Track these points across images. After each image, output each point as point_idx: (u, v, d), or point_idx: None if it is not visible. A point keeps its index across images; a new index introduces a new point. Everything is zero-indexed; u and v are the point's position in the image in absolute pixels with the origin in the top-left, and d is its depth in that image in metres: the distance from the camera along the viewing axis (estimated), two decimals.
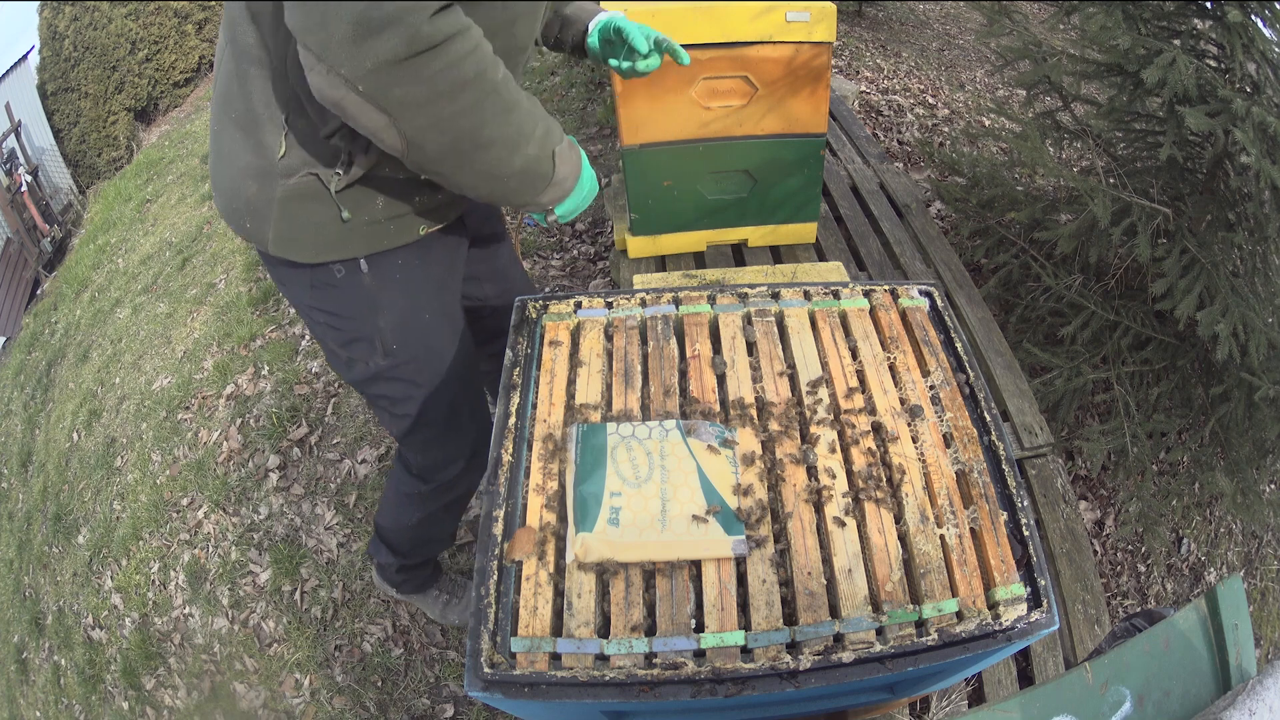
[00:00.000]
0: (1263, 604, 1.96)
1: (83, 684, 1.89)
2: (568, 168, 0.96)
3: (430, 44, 0.72)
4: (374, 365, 1.12)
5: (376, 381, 1.15)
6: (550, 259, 2.70)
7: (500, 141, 0.85)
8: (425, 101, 0.76)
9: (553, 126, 0.93)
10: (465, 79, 0.77)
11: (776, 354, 1.03)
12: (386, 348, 1.10)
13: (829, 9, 1.71)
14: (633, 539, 0.81)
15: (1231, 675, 0.74)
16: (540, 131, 0.90)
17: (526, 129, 0.87)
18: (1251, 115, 1.40)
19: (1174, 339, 1.89)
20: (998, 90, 3.73)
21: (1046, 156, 1.75)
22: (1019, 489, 0.89)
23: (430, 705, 1.68)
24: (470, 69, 0.77)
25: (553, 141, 0.92)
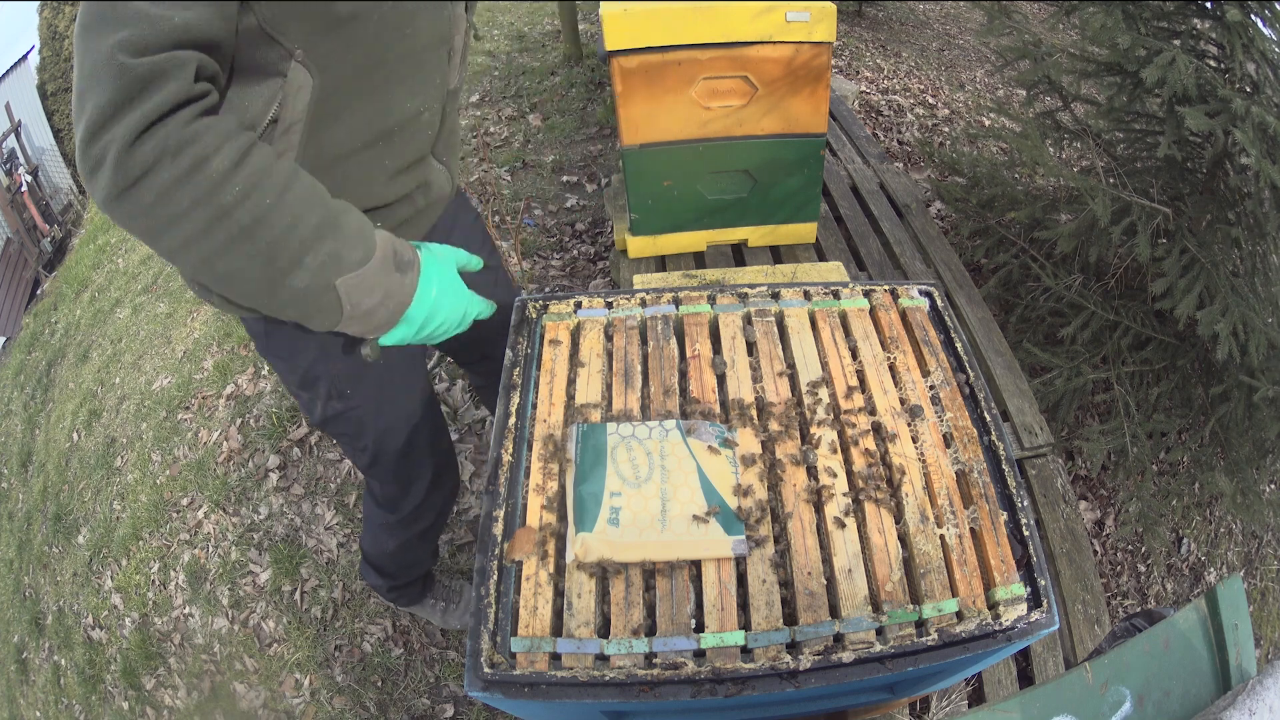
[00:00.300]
0: (1263, 604, 1.96)
1: (83, 684, 1.89)
2: (374, 298, 0.78)
3: (130, 180, 0.63)
4: (331, 408, 1.08)
5: (335, 421, 1.11)
6: (550, 259, 2.70)
7: (241, 276, 0.71)
8: (150, 234, 0.67)
9: (343, 250, 0.74)
10: (178, 211, 0.66)
11: (776, 354, 1.03)
12: (340, 391, 1.06)
13: (829, 9, 1.71)
14: (633, 539, 0.81)
15: (1231, 675, 0.74)
16: (313, 260, 0.72)
17: (281, 258, 0.71)
18: (1251, 115, 1.40)
19: (1174, 339, 1.89)
20: (998, 90, 3.73)
21: (1046, 156, 1.75)
22: (1019, 489, 0.89)
23: (430, 705, 1.68)
24: (184, 198, 0.65)
25: (337, 271, 0.74)
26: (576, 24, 3.92)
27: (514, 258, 2.55)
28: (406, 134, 0.90)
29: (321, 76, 0.76)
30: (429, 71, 0.89)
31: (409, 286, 0.82)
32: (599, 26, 1.71)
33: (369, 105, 0.83)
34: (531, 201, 2.99)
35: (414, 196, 0.99)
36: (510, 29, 4.53)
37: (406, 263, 0.81)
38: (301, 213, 0.71)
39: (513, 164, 3.22)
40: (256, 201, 0.68)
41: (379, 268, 0.78)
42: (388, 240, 0.80)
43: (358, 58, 0.78)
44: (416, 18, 0.82)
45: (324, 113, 0.79)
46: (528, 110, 3.59)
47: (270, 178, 0.69)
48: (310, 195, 0.73)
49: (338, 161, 0.84)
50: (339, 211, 0.75)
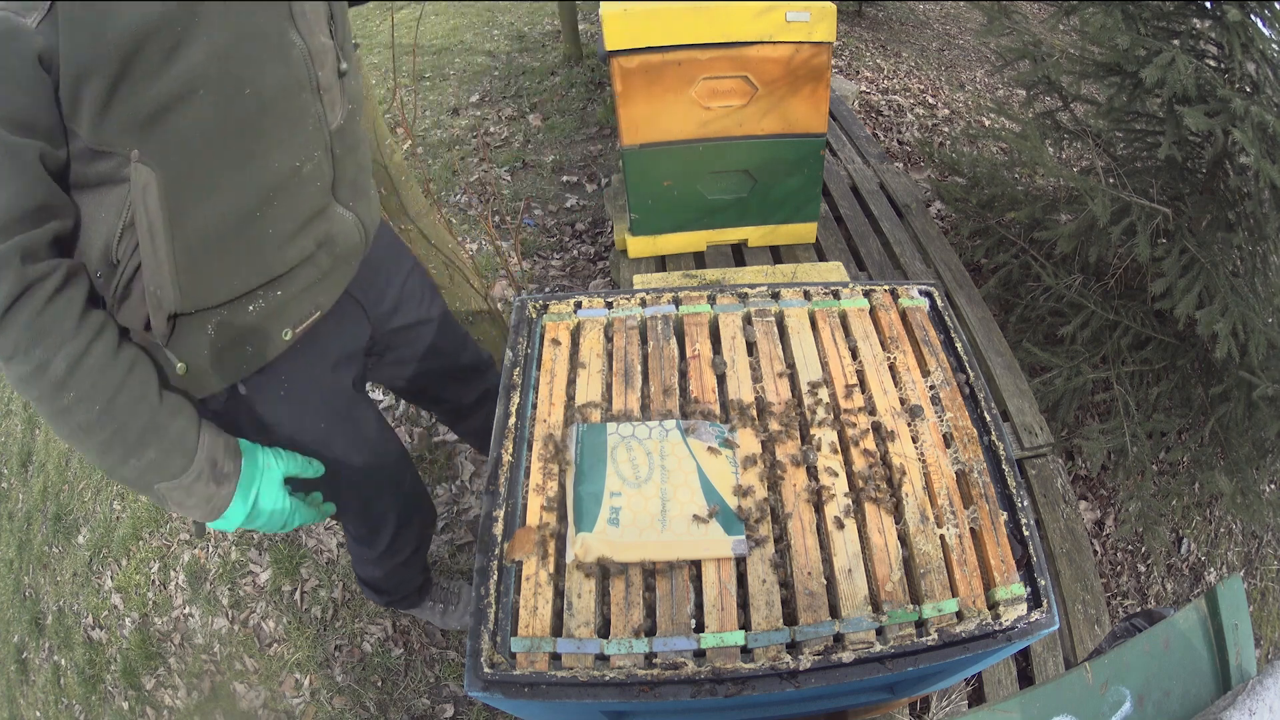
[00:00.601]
0: (1263, 604, 1.96)
1: (83, 684, 1.89)
2: (190, 502, 0.84)
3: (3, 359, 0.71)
4: None
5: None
6: (550, 259, 2.70)
7: (90, 457, 0.78)
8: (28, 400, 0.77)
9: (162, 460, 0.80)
10: (33, 397, 0.73)
11: (776, 354, 1.03)
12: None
13: (829, 9, 1.71)
14: (633, 539, 0.81)
15: (1231, 675, 0.74)
16: (137, 463, 0.79)
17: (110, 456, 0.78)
18: (1250, 115, 1.40)
19: (1174, 339, 1.89)
20: (998, 90, 3.73)
21: (1046, 156, 1.75)
22: (1019, 489, 0.89)
23: (430, 705, 1.68)
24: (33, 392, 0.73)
25: (157, 477, 0.80)
26: (576, 24, 3.92)
27: (514, 258, 2.55)
28: (289, 193, 0.84)
29: (163, 168, 0.73)
30: (294, 121, 0.82)
31: (224, 498, 0.86)
32: (599, 26, 1.71)
33: (231, 177, 0.79)
34: (531, 201, 2.99)
35: (316, 258, 0.93)
36: (510, 29, 4.53)
37: (224, 475, 0.86)
38: (127, 420, 0.77)
39: (513, 164, 3.22)
40: (87, 408, 0.74)
41: (195, 478, 0.83)
42: (209, 451, 0.84)
43: (198, 135, 0.74)
44: (254, 74, 0.76)
45: (182, 200, 0.76)
46: (528, 110, 3.59)
47: (101, 382, 0.74)
48: (138, 400, 0.77)
49: (216, 242, 0.80)
50: (165, 418, 0.80)
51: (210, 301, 0.84)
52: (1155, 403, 1.88)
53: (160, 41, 0.68)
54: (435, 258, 1.76)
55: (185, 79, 0.71)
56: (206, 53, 0.71)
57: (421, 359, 1.26)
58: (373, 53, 4.34)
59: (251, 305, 0.88)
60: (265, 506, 0.91)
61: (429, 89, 3.89)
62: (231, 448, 0.88)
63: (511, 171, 3.19)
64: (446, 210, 2.96)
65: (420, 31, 4.54)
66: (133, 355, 0.78)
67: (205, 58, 0.71)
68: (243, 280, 0.85)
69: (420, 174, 2.60)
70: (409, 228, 1.68)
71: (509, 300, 2.44)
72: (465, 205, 2.99)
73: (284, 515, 0.93)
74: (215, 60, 0.72)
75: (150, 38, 0.68)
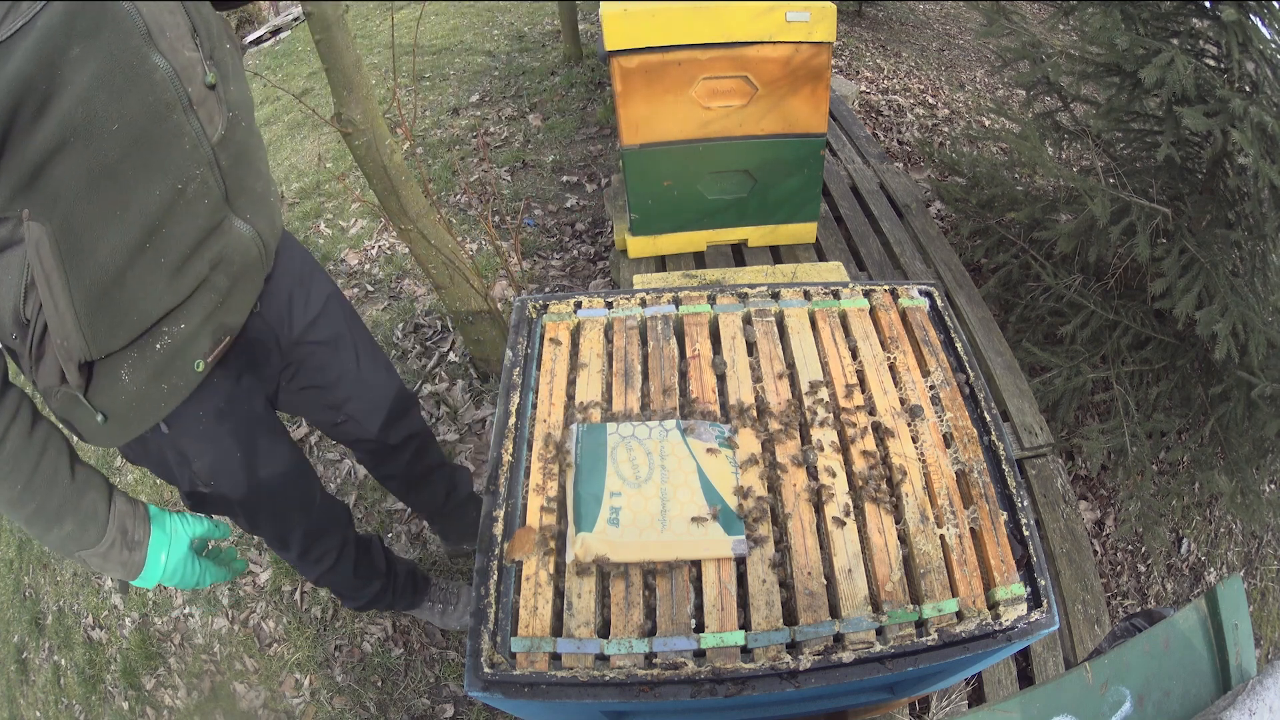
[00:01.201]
0: (1263, 604, 1.96)
1: (83, 684, 1.89)
2: (109, 566, 0.91)
3: None
4: (196, 495, 1.10)
5: (203, 503, 1.12)
6: (550, 259, 2.70)
7: (21, 526, 0.84)
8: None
9: (78, 532, 0.86)
10: None
11: (776, 354, 1.03)
12: (205, 482, 1.08)
13: (829, 9, 1.71)
14: (633, 539, 0.81)
15: (1231, 675, 0.74)
16: (58, 534, 0.85)
17: (35, 526, 0.84)
18: (1249, 115, 1.40)
19: (1173, 338, 1.89)
20: (998, 90, 3.73)
21: (1046, 156, 1.75)
22: (1019, 489, 0.89)
23: (430, 705, 1.68)
24: None
25: (77, 546, 0.87)
26: (576, 24, 3.92)
27: (514, 258, 2.55)
28: (175, 218, 0.84)
29: (52, 219, 0.75)
30: (168, 144, 0.81)
31: (137, 562, 0.92)
32: (599, 26, 1.71)
33: (115, 215, 0.79)
34: (531, 201, 2.99)
35: (212, 280, 0.92)
36: (510, 29, 4.53)
37: (135, 542, 0.92)
38: (44, 498, 0.82)
39: (513, 164, 3.22)
40: (10, 486, 0.80)
41: (110, 546, 0.89)
42: (120, 521, 0.90)
43: (75, 182, 0.74)
44: (118, 108, 0.75)
45: (72, 248, 0.77)
46: (528, 110, 3.59)
47: (19, 466, 0.79)
48: (52, 481, 0.83)
49: (116, 281, 0.81)
50: (76, 495, 0.85)
51: (116, 343, 0.85)
52: (1155, 402, 1.88)
53: (31, 102, 0.69)
54: (435, 258, 1.76)
55: (56, 131, 0.71)
56: (72, 100, 0.71)
57: (337, 385, 1.23)
58: (373, 53, 4.34)
59: (159, 343, 0.89)
60: (175, 569, 0.96)
61: (429, 89, 3.89)
62: (140, 515, 0.93)
63: (511, 171, 3.19)
64: (446, 210, 2.96)
65: (420, 31, 4.54)
66: (45, 435, 0.83)
67: (71, 105, 0.72)
68: (142, 315, 0.86)
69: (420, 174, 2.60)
70: (409, 228, 1.68)
71: (509, 300, 2.44)
72: (465, 205, 2.99)
73: (195, 575, 1.00)
74: (80, 105, 0.72)
75: (22, 101, 0.69)
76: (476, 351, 2.15)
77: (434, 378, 2.30)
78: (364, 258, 2.84)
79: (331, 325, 1.19)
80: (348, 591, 1.49)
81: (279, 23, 5.27)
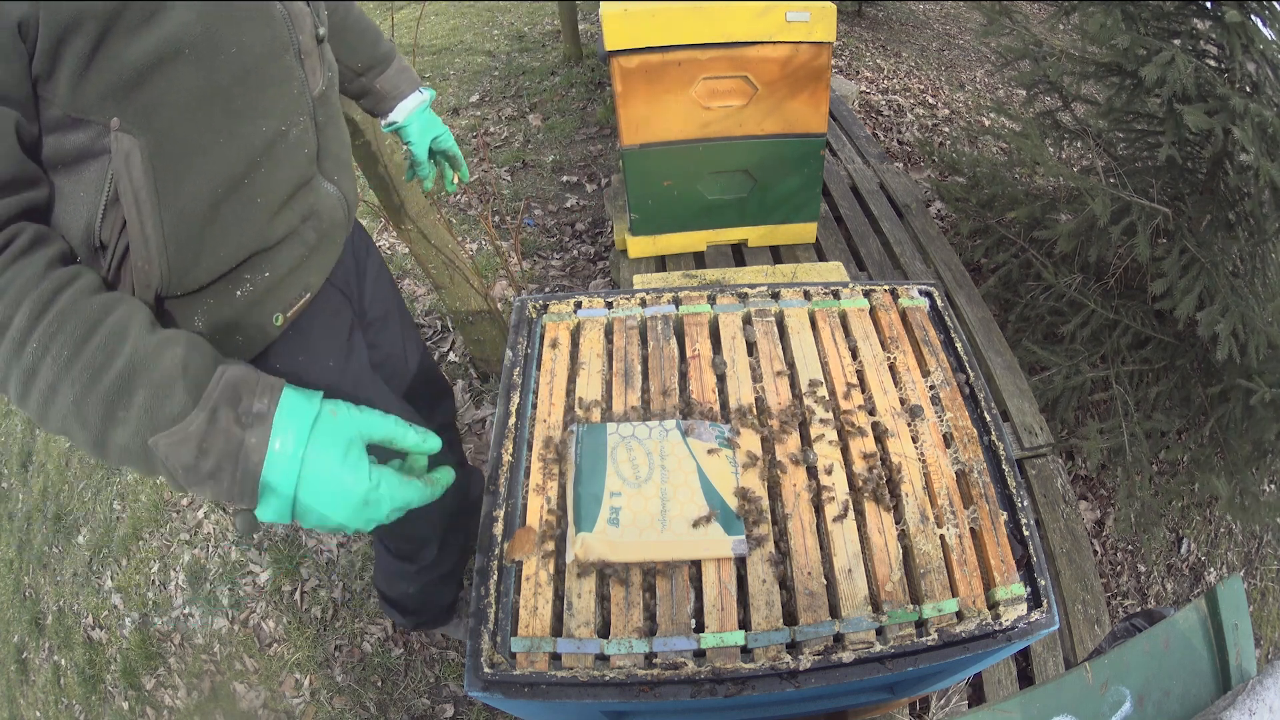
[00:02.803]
0: (1263, 604, 1.96)
1: (83, 684, 1.89)
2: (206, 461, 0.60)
3: None
4: None
5: None
6: (550, 259, 2.70)
7: (71, 435, 0.61)
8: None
9: (154, 401, 0.59)
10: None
11: (776, 354, 1.03)
12: None
13: (829, 9, 1.71)
14: (633, 539, 0.81)
15: (1231, 675, 0.74)
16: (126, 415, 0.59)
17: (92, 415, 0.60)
18: (1250, 113, 1.40)
19: (1173, 338, 1.89)
20: (998, 90, 3.73)
21: (1046, 156, 1.75)
22: (1019, 489, 0.89)
23: (430, 705, 1.68)
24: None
25: (150, 427, 0.59)
26: (576, 24, 3.92)
27: (514, 258, 2.55)
28: (275, 160, 0.81)
29: (147, 133, 0.68)
30: (278, 84, 0.79)
31: (254, 448, 0.60)
32: (599, 26, 1.71)
33: (218, 141, 0.74)
34: (531, 201, 2.99)
35: (302, 232, 0.88)
36: (510, 29, 4.53)
37: (253, 415, 0.61)
38: (104, 360, 0.59)
39: (513, 164, 3.22)
40: (55, 355, 0.59)
41: (208, 424, 0.59)
42: (224, 386, 0.61)
43: (183, 99, 0.70)
44: (237, 34, 0.73)
45: (168, 168, 0.71)
46: (528, 110, 3.59)
47: (70, 324, 0.60)
48: (118, 335, 0.60)
49: (209, 212, 0.76)
50: (153, 348, 0.61)
51: (200, 280, 0.78)
52: (1155, 402, 1.88)
53: (140, 3, 0.64)
54: (435, 258, 1.76)
55: (169, 39, 0.66)
56: (190, 13, 0.67)
57: (384, 365, 1.18)
58: None
59: (239, 290, 0.82)
60: (325, 469, 0.62)
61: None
62: (269, 383, 0.63)
63: (511, 171, 3.19)
64: (446, 210, 2.96)
65: (420, 31, 4.54)
66: (117, 296, 0.64)
67: (189, 18, 0.67)
68: (232, 253, 0.79)
69: None
70: (409, 228, 1.68)
71: (509, 300, 2.44)
72: (465, 205, 2.99)
73: (358, 488, 0.64)
74: (199, 20, 0.68)
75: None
76: (476, 351, 2.15)
77: None
78: None
79: (384, 300, 1.15)
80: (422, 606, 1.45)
81: None
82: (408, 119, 1.15)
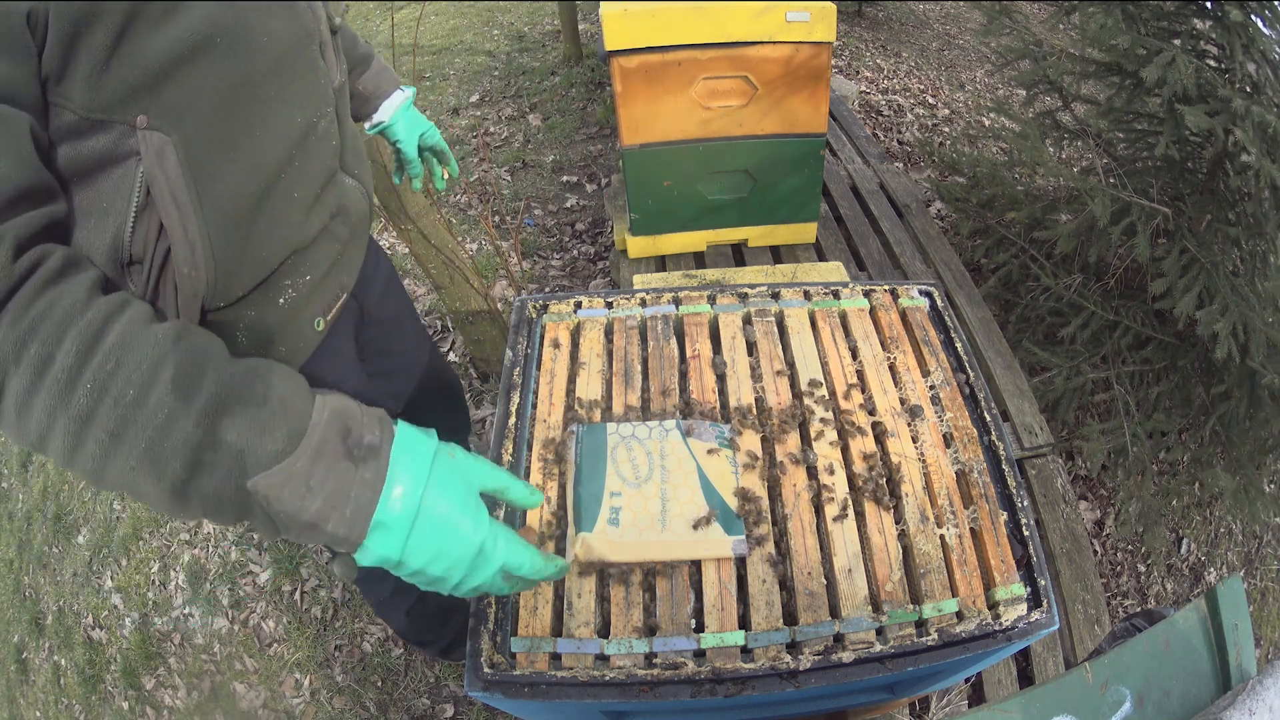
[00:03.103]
0: (1263, 604, 1.96)
1: (83, 684, 1.89)
2: (312, 502, 0.53)
3: None
4: None
5: None
6: (550, 259, 2.70)
7: (138, 489, 0.53)
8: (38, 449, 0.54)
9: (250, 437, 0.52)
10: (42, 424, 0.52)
11: (776, 354, 1.03)
12: None
13: (829, 9, 1.71)
14: (633, 539, 0.81)
15: (1231, 675, 0.74)
16: (214, 456, 0.52)
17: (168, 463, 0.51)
18: (1251, 114, 1.40)
19: (1174, 339, 1.89)
20: (998, 90, 3.73)
21: (1046, 156, 1.75)
22: (1019, 489, 0.89)
23: (430, 705, 1.68)
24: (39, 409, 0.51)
25: (243, 468, 0.52)
26: (576, 24, 3.93)
27: (514, 258, 2.55)
28: (306, 153, 0.78)
29: (179, 130, 0.64)
30: (306, 74, 0.77)
31: (369, 485, 0.54)
32: (599, 26, 1.71)
33: (254, 135, 0.71)
34: (531, 201, 2.99)
35: (333, 229, 0.85)
36: (510, 29, 4.53)
37: (365, 447, 0.55)
38: (182, 399, 0.52)
39: (513, 164, 3.22)
40: (117, 396, 0.51)
41: (315, 456, 0.53)
42: (338, 413, 0.55)
43: (216, 90, 0.65)
44: (267, 23, 0.69)
45: (206, 163, 0.67)
46: (528, 110, 3.59)
47: (130, 359, 0.52)
48: (195, 368, 0.53)
49: (250, 209, 0.72)
50: (242, 382, 0.54)
51: (245, 285, 0.74)
52: (1155, 402, 1.88)
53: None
54: (435, 258, 1.76)
55: (200, 28, 0.62)
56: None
57: (398, 371, 1.17)
58: None
59: (281, 297, 0.79)
60: (448, 514, 0.57)
61: (429, 89, 3.89)
62: (373, 412, 0.58)
63: (511, 171, 3.19)
64: (446, 210, 2.96)
65: (420, 31, 4.54)
66: (182, 324, 0.57)
67: (216, 6, 0.63)
68: (274, 252, 0.76)
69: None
70: (409, 228, 1.68)
71: (509, 300, 2.44)
72: (465, 205, 2.99)
73: (482, 536, 0.59)
74: (229, 6, 0.64)
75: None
76: (476, 351, 2.15)
77: None
78: None
79: (395, 302, 1.13)
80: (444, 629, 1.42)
81: None
82: (394, 117, 1.14)
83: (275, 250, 0.77)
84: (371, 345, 1.10)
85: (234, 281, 0.73)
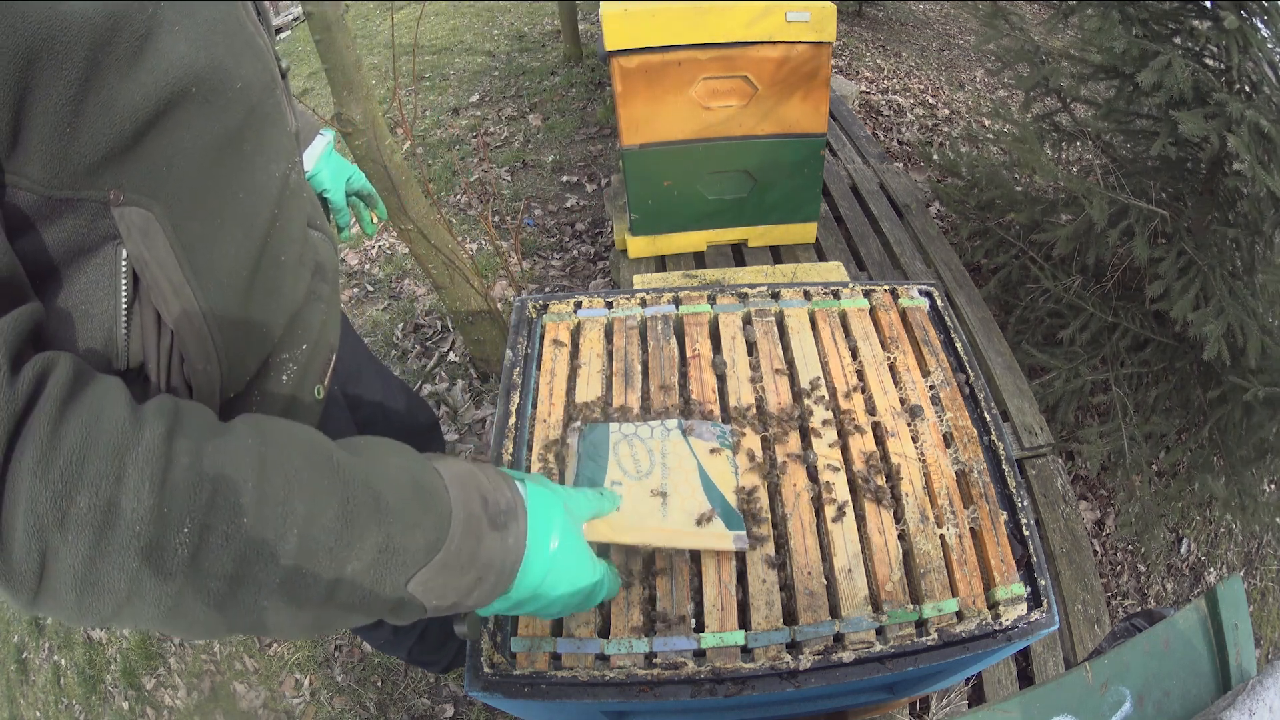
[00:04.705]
0: (1263, 604, 1.96)
1: (83, 684, 1.89)
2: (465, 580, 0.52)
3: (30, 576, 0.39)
4: None
5: None
6: (550, 259, 2.70)
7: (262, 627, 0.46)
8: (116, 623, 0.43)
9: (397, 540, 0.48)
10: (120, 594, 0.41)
11: (776, 354, 1.03)
12: None
13: (829, 9, 1.71)
14: (634, 523, 0.81)
15: (1231, 675, 0.74)
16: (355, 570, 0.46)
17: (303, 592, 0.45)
18: (1246, 119, 1.40)
19: (1172, 340, 1.89)
20: (998, 90, 3.73)
21: (1044, 159, 1.75)
22: (1019, 489, 0.89)
23: (430, 705, 1.68)
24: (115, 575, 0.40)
25: (397, 574, 0.48)
26: (576, 24, 3.93)
27: (514, 258, 2.55)
28: (287, 209, 0.70)
29: (159, 200, 0.53)
30: (275, 122, 0.66)
31: (514, 547, 0.54)
32: (599, 26, 1.71)
33: (238, 196, 0.61)
34: (531, 201, 2.99)
35: (315, 288, 0.78)
36: (510, 29, 4.53)
37: (504, 512, 0.54)
38: (310, 514, 0.45)
39: (513, 164, 3.22)
40: (227, 532, 0.42)
41: (464, 540, 0.51)
42: (470, 487, 0.53)
43: (196, 148, 0.55)
44: (239, 67, 0.58)
45: (196, 237, 0.57)
46: (528, 110, 3.59)
47: (226, 483, 0.43)
48: (307, 471, 0.46)
49: (247, 279, 0.64)
50: (367, 474, 0.49)
51: (250, 367, 0.67)
52: (1154, 404, 1.89)
53: (127, 34, 0.47)
54: (435, 258, 1.76)
55: (174, 75, 0.51)
56: (188, 42, 0.52)
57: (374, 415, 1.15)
58: (373, 53, 4.34)
59: (284, 374, 0.72)
60: (569, 556, 0.58)
61: (429, 89, 3.89)
62: (492, 472, 0.57)
63: (511, 171, 3.19)
64: (446, 210, 2.96)
65: (420, 31, 4.54)
66: (267, 419, 0.50)
67: (188, 48, 0.52)
68: (272, 326, 0.69)
69: (420, 174, 2.60)
70: (409, 228, 1.68)
71: (509, 300, 2.44)
72: (465, 205, 2.99)
73: (589, 574, 0.61)
74: (201, 49, 0.53)
75: (120, 21, 0.46)
76: (476, 351, 2.15)
77: (434, 378, 2.30)
78: (364, 258, 2.84)
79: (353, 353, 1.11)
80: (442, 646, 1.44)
81: (279, 23, 5.27)
82: (317, 165, 1.03)
83: (273, 323, 0.69)
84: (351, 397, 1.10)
85: (241, 368, 0.65)
